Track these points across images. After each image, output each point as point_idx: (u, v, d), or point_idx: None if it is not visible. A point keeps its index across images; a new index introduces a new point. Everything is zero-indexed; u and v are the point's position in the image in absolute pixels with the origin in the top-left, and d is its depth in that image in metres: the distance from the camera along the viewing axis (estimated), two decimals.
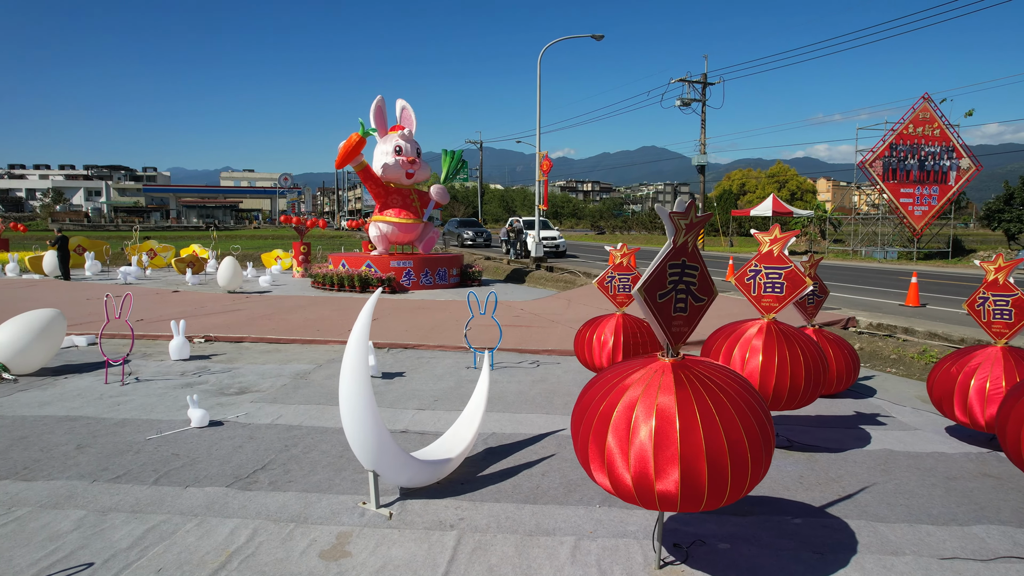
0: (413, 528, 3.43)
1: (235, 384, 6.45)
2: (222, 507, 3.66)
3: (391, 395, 6.06)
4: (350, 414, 3.52)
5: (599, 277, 6.45)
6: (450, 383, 6.52)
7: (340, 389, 3.56)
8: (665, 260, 2.82)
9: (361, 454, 3.59)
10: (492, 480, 4.10)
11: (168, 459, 4.38)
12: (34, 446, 4.64)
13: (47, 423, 5.16)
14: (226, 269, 14.57)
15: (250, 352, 8.04)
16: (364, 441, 3.53)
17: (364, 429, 3.50)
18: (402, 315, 10.57)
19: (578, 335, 6.42)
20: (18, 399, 5.84)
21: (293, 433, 4.94)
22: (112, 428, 5.04)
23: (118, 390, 6.16)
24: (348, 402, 3.51)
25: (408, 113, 16.51)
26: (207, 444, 4.68)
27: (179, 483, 3.99)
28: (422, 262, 15.55)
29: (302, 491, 3.88)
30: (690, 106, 30.49)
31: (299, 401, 5.81)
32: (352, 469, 4.24)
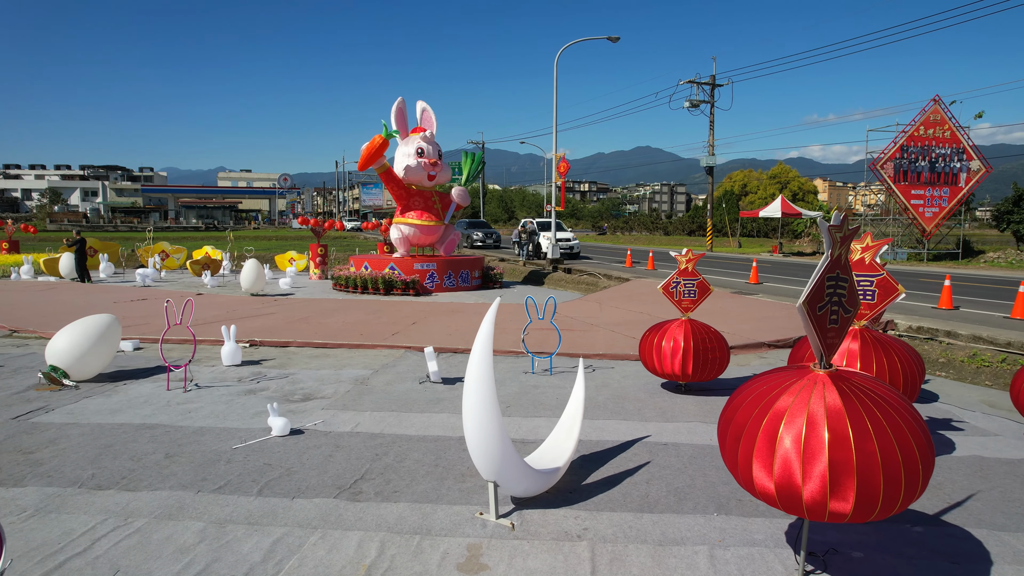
0: (541, 539, 3.42)
1: (297, 390, 6.41)
2: (337, 519, 3.63)
3: (459, 401, 5.99)
4: (476, 426, 3.49)
5: (664, 283, 6.44)
6: (514, 389, 6.50)
7: (465, 400, 3.54)
8: (823, 273, 2.81)
9: (483, 465, 3.56)
10: (598, 489, 4.08)
11: (263, 469, 4.35)
12: (123, 455, 4.59)
13: (126, 431, 5.11)
14: (249, 272, 14.50)
15: (299, 357, 7.99)
16: (488, 452, 3.51)
17: (490, 440, 3.48)
18: (439, 319, 10.54)
19: (644, 340, 6.41)
20: (87, 406, 5.79)
21: (378, 442, 4.91)
22: (192, 437, 4.99)
23: (183, 397, 6.11)
24: (474, 414, 3.49)
25: (429, 115, 16.48)
26: (296, 453, 4.65)
27: (284, 494, 3.95)
28: (445, 265, 15.51)
29: (413, 502, 3.85)
30: (699, 107, 30.60)
31: (370, 408, 5.78)
32: (452, 478, 4.22)
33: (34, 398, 6.06)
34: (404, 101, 15.97)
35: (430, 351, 6.63)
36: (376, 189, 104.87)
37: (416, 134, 15.83)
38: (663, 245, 44.74)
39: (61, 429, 5.15)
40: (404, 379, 6.85)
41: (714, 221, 33.42)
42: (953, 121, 23.50)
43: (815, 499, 2.58)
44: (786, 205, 28.90)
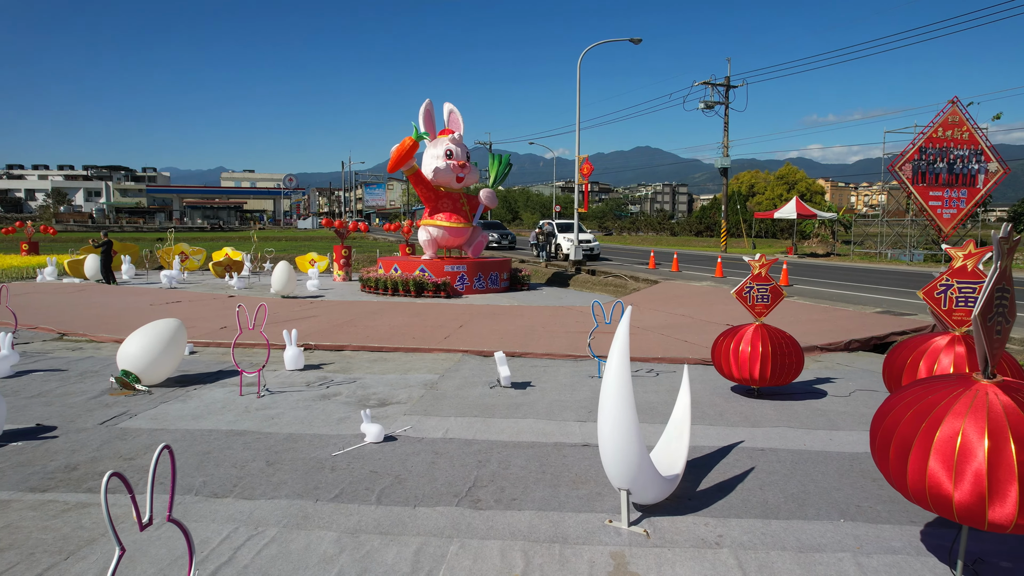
0: (681, 547, 3.41)
1: (370, 395, 6.40)
2: (468, 527, 3.63)
3: (539, 406, 6.03)
4: (614, 433, 3.49)
5: (738, 287, 6.45)
6: (587, 393, 6.50)
7: (602, 407, 3.55)
8: (993, 284, 2.81)
9: (618, 472, 3.56)
10: (715, 495, 4.09)
11: (371, 477, 4.34)
12: (224, 462, 4.58)
13: (217, 437, 5.10)
14: (281, 274, 14.48)
15: (358, 361, 7.99)
16: (625, 460, 3.51)
17: (628, 449, 3.48)
18: (482, 322, 10.53)
19: (717, 345, 6.42)
20: (167, 412, 5.78)
21: (474, 448, 4.90)
22: (285, 444, 4.98)
23: (259, 402, 6.10)
24: (613, 421, 3.49)
25: (456, 117, 16.49)
26: (398, 460, 4.64)
27: (403, 502, 3.95)
28: (475, 267, 15.51)
29: (537, 510, 3.85)
30: (713, 108, 30.64)
31: (452, 413, 5.77)
32: (565, 485, 4.22)
33: (111, 403, 6.06)
34: (432, 103, 15.97)
35: (501, 356, 6.63)
36: (379, 190, 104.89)
37: (444, 136, 15.84)
38: (672, 246, 44.76)
39: (152, 435, 5.14)
40: (473, 384, 6.85)
41: (724, 222, 33.44)
42: (971, 122, 23.56)
43: (1008, 514, 2.58)
44: (801, 207, 28.95)
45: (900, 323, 9.79)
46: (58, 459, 4.64)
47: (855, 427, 5.49)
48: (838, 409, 6.04)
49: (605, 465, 3.63)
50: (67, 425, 5.40)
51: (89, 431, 5.25)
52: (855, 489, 4.18)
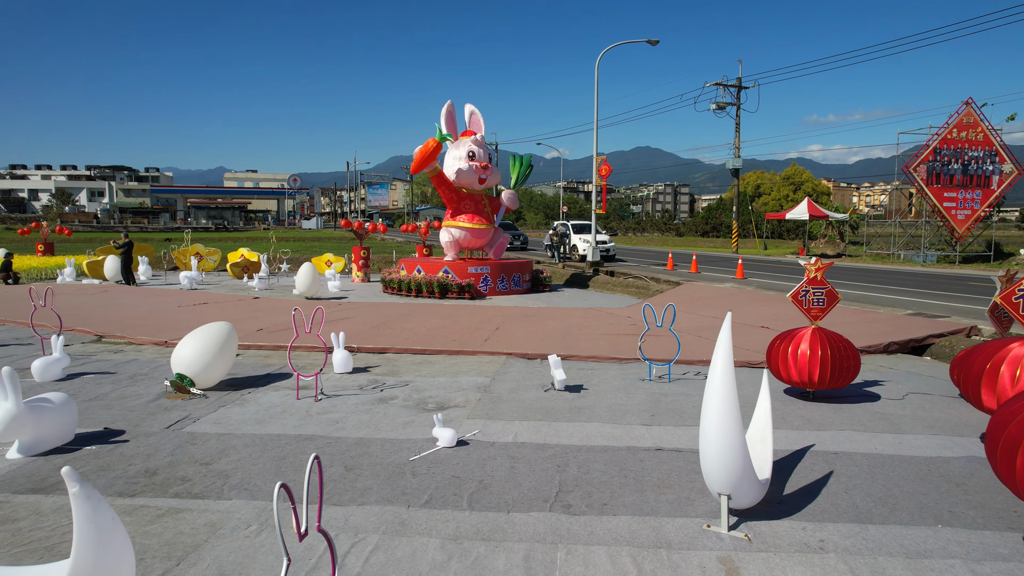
0: (786, 552, 3.42)
1: (427, 399, 6.40)
2: (568, 533, 3.63)
3: (599, 410, 6.03)
4: (719, 438, 3.50)
5: (793, 291, 6.46)
6: (643, 397, 6.50)
7: (706, 412, 3.55)
8: None
9: (720, 478, 3.57)
10: (802, 498, 4.09)
11: (454, 482, 4.34)
12: (303, 467, 4.58)
13: (287, 442, 5.10)
14: (305, 275, 14.48)
15: (404, 363, 7.98)
16: (729, 465, 3.51)
17: (733, 453, 3.48)
18: (516, 324, 10.53)
19: (773, 348, 6.43)
20: (228, 416, 5.78)
21: (549, 453, 4.90)
22: (358, 448, 4.98)
23: (318, 406, 6.10)
24: (717, 426, 3.49)
25: (477, 118, 16.48)
26: (476, 465, 4.64)
27: (495, 507, 3.95)
28: (498, 268, 15.51)
29: (631, 515, 3.85)
30: (724, 109, 30.65)
31: (515, 417, 5.77)
32: (650, 489, 4.22)
33: (170, 406, 6.05)
34: (453, 104, 15.97)
35: (556, 359, 6.63)
36: (382, 190, 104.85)
37: (466, 137, 15.83)
38: (679, 246, 44.79)
39: (222, 439, 5.14)
40: (526, 387, 6.85)
41: (735, 223, 33.44)
42: (986, 124, 23.59)
43: None
44: (812, 207, 28.97)
45: (936, 325, 9.80)
46: (136, 464, 4.64)
47: (921, 431, 5.50)
48: (897, 412, 6.05)
49: (707, 469, 3.63)
50: (134, 429, 5.39)
51: (157, 435, 5.25)
52: (941, 494, 4.18)
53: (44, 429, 4.84)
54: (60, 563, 2.47)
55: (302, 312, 6.67)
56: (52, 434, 4.90)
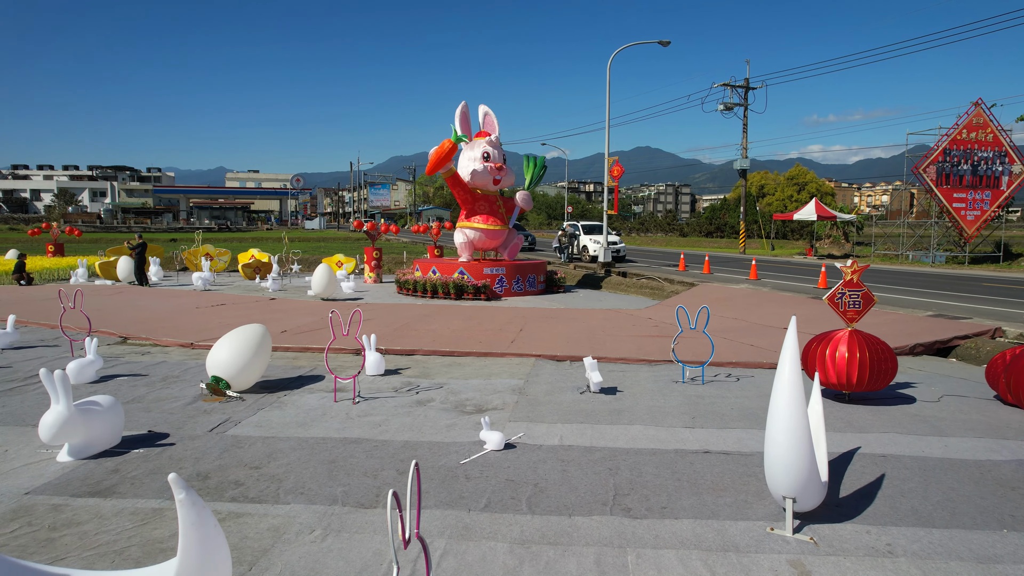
0: (856, 555, 3.42)
1: (464, 401, 6.40)
2: (634, 536, 3.63)
3: (639, 412, 6.02)
4: (787, 441, 3.50)
5: (829, 293, 6.46)
6: (679, 399, 6.50)
7: (773, 415, 3.56)
8: None
9: (786, 480, 3.57)
10: (860, 501, 4.09)
11: (510, 485, 4.34)
12: (354, 471, 4.58)
13: (334, 445, 5.09)
14: (321, 276, 14.49)
15: (433, 365, 7.98)
16: (796, 468, 3.52)
17: (801, 457, 3.49)
18: (539, 325, 10.53)
19: (810, 351, 6.43)
20: (270, 419, 5.77)
21: (597, 455, 4.91)
22: (405, 451, 4.98)
23: (357, 409, 6.10)
24: (785, 430, 3.50)
25: (491, 119, 16.48)
26: (528, 468, 4.64)
27: (555, 511, 3.95)
28: (513, 269, 15.51)
29: (692, 518, 3.85)
30: (732, 110, 30.66)
31: (556, 420, 5.77)
32: (706, 492, 4.23)
33: (208, 409, 6.06)
34: (467, 105, 15.96)
35: (591, 362, 6.64)
36: (384, 190, 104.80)
37: (481, 138, 15.84)
38: (683, 247, 44.80)
39: (267, 443, 5.14)
40: (561, 389, 6.85)
41: (742, 223, 33.43)
42: (995, 124, 23.62)
43: None
44: (820, 208, 28.98)
45: (960, 327, 9.81)
46: (186, 467, 4.64)
47: (964, 434, 5.50)
48: (935, 415, 6.05)
49: (773, 472, 3.63)
50: (177, 432, 5.39)
51: (202, 438, 5.25)
52: (999, 498, 4.18)
53: (94, 432, 4.84)
54: (164, 566, 2.47)
55: (339, 314, 6.66)
56: (101, 437, 4.90)
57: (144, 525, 3.77)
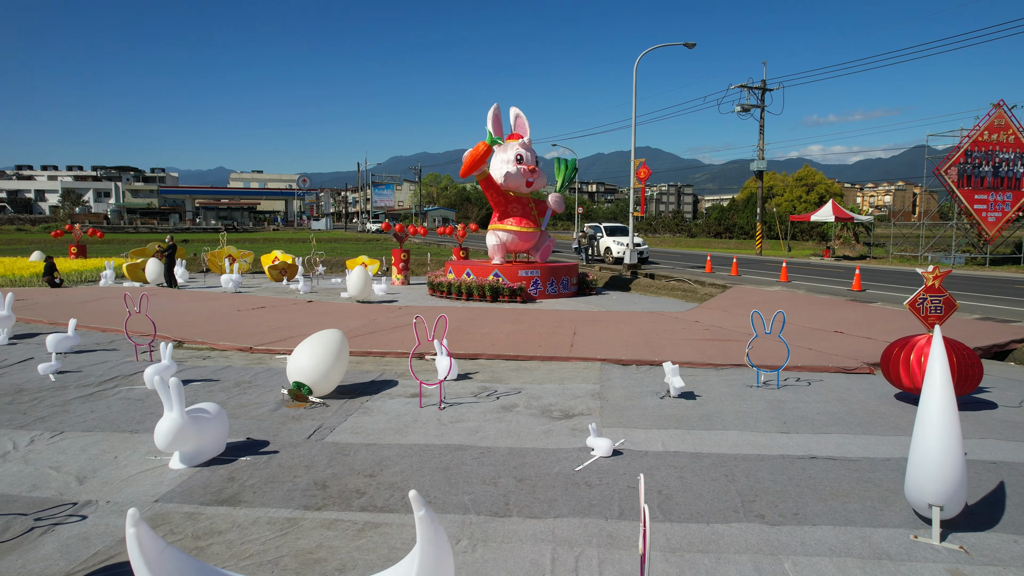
0: (1014, 566, 3.43)
1: (548, 407, 6.40)
2: (779, 544, 3.64)
3: (726, 417, 6.03)
4: (940, 450, 3.52)
5: (911, 299, 6.47)
6: (762, 404, 6.51)
7: (925, 422, 3.58)
8: None
9: (936, 488, 3.58)
10: (990, 509, 4.10)
11: (632, 492, 4.35)
12: (472, 479, 4.58)
13: (439, 452, 5.10)
14: (358, 279, 14.47)
15: (502, 369, 7.98)
16: (948, 477, 3.53)
17: (953, 465, 3.51)
18: (590, 328, 10.53)
19: (892, 356, 6.45)
20: (363, 425, 5.77)
21: (707, 461, 4.91)
22: (512, 458, 4.99)
23: (447, 415, 6.09)
24: (938, 439, 3.51)
25: (522, 121, 16.49)
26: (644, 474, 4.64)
27: (691, 518, 3.95)
28: (548, 272, 15.53)
29: (830, 524, 3.86)
30: (749, 112, 30.71)
31: (648, 425, 5.78)
32: (832, 499, 4.23)
33: (296, 415, 6.06)
34: (499, 107, 15.98)
35: (673, 367, 6.64)
36: (387, 191, 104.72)
37: (513, 140, 15.85)
38: (692, 247, 44.86)
39: (371, 450, 5.14)
40: (639, 393, 6.86)
41: (759, 225, 33.40)
42: (1016, 125, 23.66)
43: None
44: (838, 210, 29.04)
45: (1014, 331, 9.85)
46: (300, 475, 4.64)
47: None
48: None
49: (920, 480, 3.64)
50: (276, 439, 5.39)
51: (303, 446, 5.25)
52: None
53: (204, 440, 4.84)
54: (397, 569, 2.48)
55: (424, 320, 6.67)
56: (210, 444, 4.90)
57: (285, 535, 3.77)
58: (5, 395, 6.68)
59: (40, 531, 3.79)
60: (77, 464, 4.82)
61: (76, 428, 5.64)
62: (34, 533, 3.77)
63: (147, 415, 6.01)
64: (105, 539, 3.70)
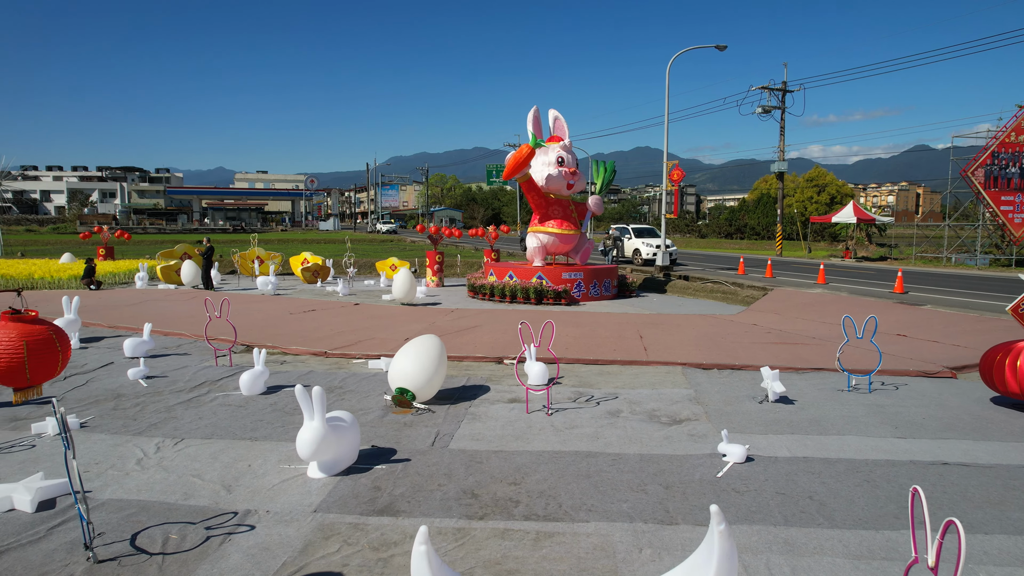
0: None
1: (652, 411, 6.41)
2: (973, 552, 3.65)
3: (835, 422, 6.05)
4: None
5: (1013, 304, 6.51)
6: (863, 409, 6.52)
7: None
8: None
9: None
10: None
11: (784, 499, 4.37)
12: (619, 485, 4.60)
13: (575, 459, 5.11)
14: (403, 281, 14.47)
15: (585, 374, 7.99)
16: None
17: None
18: (653, 332, 10.55)
19: (994, 360, 6.47)
20: (480, 432, 5.78)
21: (840, 467, 4.94)
22: (646, 464, 5.01)
23: (559, 420, 6.11)
24: None
25: (561, 123, 16.52)
26: (785, 480, 4.67)
27: (856, 524, 3.98)
28: (591, 274, 15.54)
29: (1003, 533, 3.88)
30: (770, 113, 30.78)
31: (763, 430, 5.80)
32: (989, 506, 4.26)
33: (408, 422, 6.07)
34: (539, 109, 15.99)
35: (772, 372, 6.67)
36: (392, 191, 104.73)
37: (554, 143, 15.88)
38: (704, 248, 44.87)
39: (504, 457, 5.15)
40: (735, 399, 6.88)
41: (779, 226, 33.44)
42: None
43: None
44: (859, 211, 29.11)
45: None
46: (445, 484, 4.64)
47: None
48: None
49: None
50: (401, 447, 5.40)
51: (431, 453, 5.26)
52: None
53: (342, 448, 4.85)
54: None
55: (529, 325, 6.68)
56: (347, 453, 4.92)
57: (462, 545, 3.78)
58: (106, 401, 6.69)
59: (217, 540, 3.81)
60: (216, 472, 4.83)
61: (194, 435, 5.65)
62: (212, 543, 3.78)
63: (257, 422, 6.02)
64: (286, 550, 3.71)
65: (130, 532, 3.91)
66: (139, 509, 4.21)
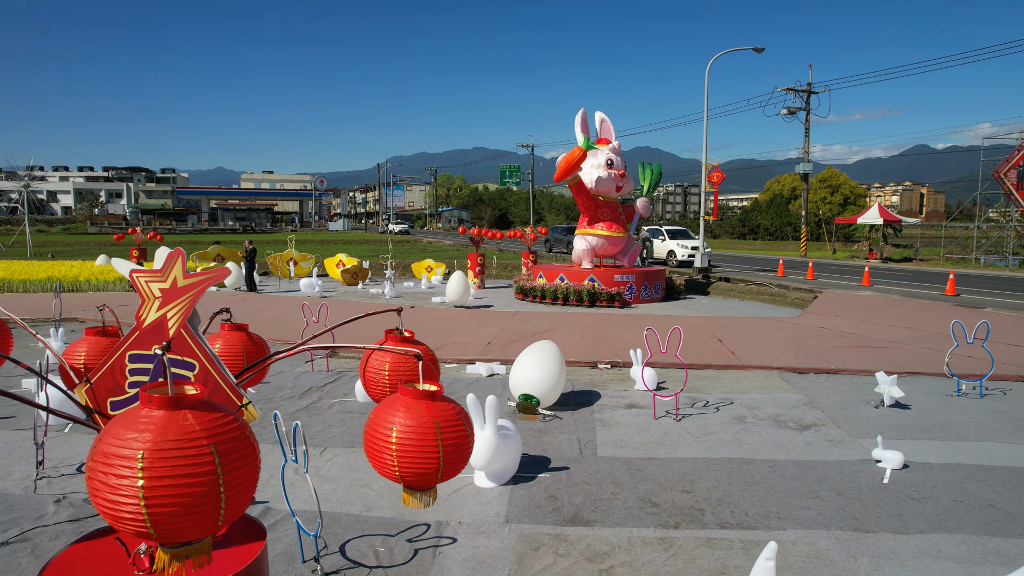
0: None
1: (775, 416, 6.43)
2: None
3: (962, 428, 6.07)
4: None
5: None
6: (985, 415, 6.55)
7: None
8: None
9: None
10: None
11: (967, 508, 4.40)
12: (790, 492, 4.62)
13: (730, 466, 5.13)
14: (458, 284, 14.47)
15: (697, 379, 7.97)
16: None
17: None
18: (727, 336, 10.56)
19: None
20: (621, 438, 5.79)
21: (1002, 475, 4.97)
22: (807, 471, 5.03)
23: (692, 426, 6.14)
24: None
25: (607, 125, 16.54)
26: (955, 487, 4.69)
27: None
28: (641, 276, 15.56)
29: None
30: (795, 115, 30.86)
31: (895, 436, 5.81)
32: None
33: (542, 428, 6.10)
34: (586, 112, 15.98)
35: (889, 377, 6.71)
36: (398, 191, 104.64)
37: (603, 145, 15.89)
38: (719, 249, 44.94)
39: (662, 465, 5.18)
40: (848, 403, 6.92)
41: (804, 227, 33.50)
42: None
43: None
44: (884, 212, 29.17)
45: None
46: (620, 493, 4.65)
47: None
48: None
49: None
50: (552, 455, 5.41)
51: (584, 460, 5.28)
52: None
53: (509, 457, 4.86)
54: None
55: (656, 332, 6.70)
56: (513, 462, 4.92)
57: (673, 555, 3.80)
58: None
59: (427, 554, 3.81)
60: (382, 482, 4.82)
61: (335, 444, 5.66)
62: (424, 556, 3.79)
63: None
64: (503, 562, 3.72)
65: (335, 545, 3.92)
66: (331, 520, 4.21)
